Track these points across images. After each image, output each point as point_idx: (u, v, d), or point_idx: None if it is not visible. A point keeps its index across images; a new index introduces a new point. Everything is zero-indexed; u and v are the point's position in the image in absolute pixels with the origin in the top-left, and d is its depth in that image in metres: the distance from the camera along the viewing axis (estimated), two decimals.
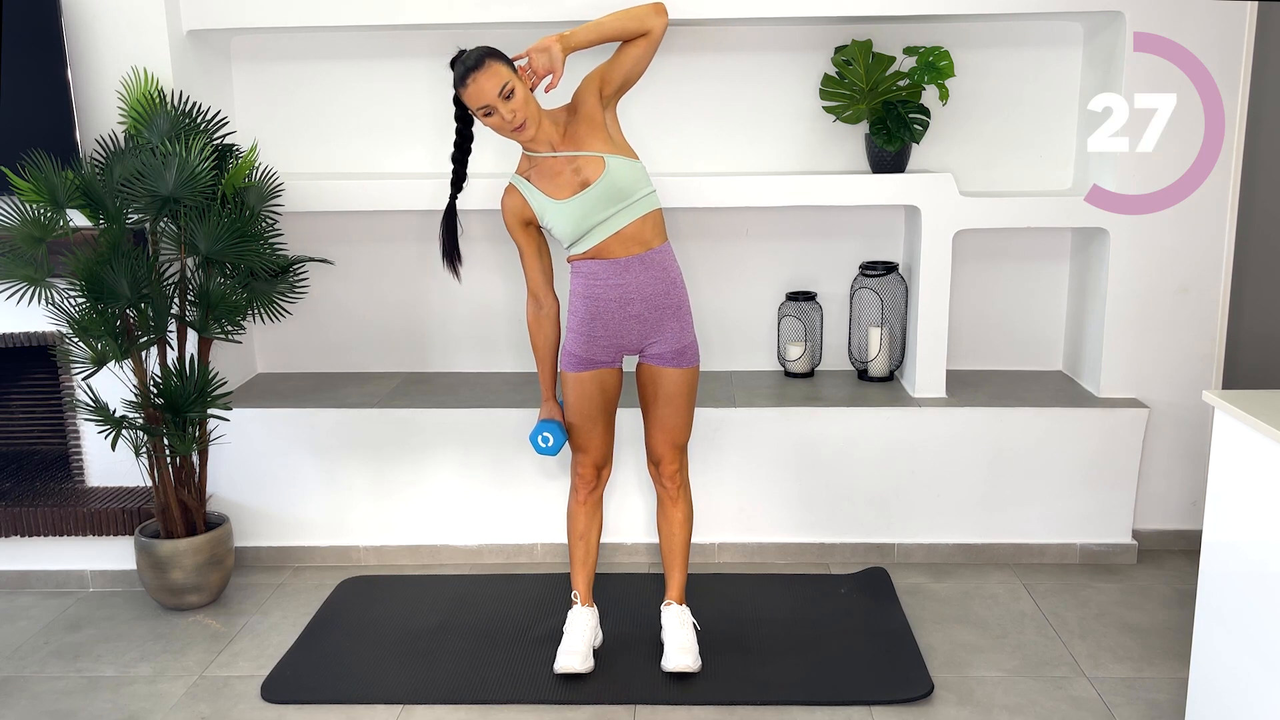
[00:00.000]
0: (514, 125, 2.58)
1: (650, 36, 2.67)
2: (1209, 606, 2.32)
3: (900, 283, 3.65)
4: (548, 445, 2.80)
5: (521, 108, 2.57)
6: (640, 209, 2.67)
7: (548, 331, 2.81)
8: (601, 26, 2.66)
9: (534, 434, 2.82)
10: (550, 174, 2.67)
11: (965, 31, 3.57)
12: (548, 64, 2.63)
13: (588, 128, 2.67)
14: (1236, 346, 3.62)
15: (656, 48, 2.70)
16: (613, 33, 2.66)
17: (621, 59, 2.70)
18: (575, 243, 2.69)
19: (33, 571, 3.50)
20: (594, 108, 2.68)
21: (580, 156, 2.65)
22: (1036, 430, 3.42)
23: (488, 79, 2.54)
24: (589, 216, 2.63)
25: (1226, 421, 2.23)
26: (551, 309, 2.81)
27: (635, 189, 2.66)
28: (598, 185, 2.62)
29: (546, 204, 2.66)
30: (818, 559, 3.53)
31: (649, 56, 2.70)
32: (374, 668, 2.91)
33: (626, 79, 2.71)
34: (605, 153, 2.65)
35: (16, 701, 2.82)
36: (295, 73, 3.72)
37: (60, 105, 3.24)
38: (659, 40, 2.69)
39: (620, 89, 2.72)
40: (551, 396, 2.86)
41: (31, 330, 3.45)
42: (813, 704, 2.70)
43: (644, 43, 2.68)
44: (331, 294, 3.86)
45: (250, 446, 3.51)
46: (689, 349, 2.78)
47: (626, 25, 2.66)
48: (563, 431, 2.82)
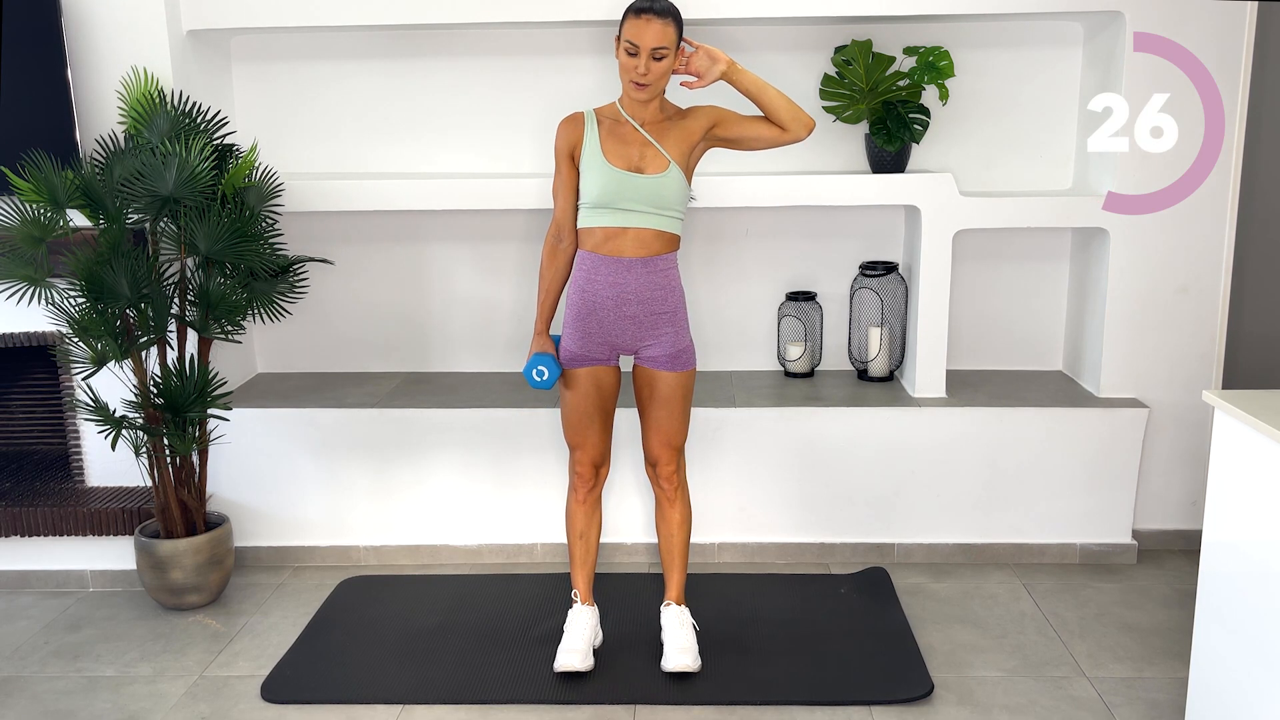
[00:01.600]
0: (640, 79, 2.61)
1: (784, 134, 2.71)
2: (1209, 606, 2.32)
3: (900, 283, 3.65)
4: (542, 379, 2.77)
5: (659, 73, 2.61)
6: (664, 224, 2.70)
7: (560, 264, 2.82)
8: (766, 89, 2.70)
9: (528, 368, 2.78)
10: (619, 137, 2.70)
11: (965, 31, 3.57)
12: (704, 69, 2.70)
13: (679, 136, 2.71)
14: (1236, 346, 3.62)
15: (776, 146, 2.75)
16: (767, 102, 2.70)
17: (748, 125, 2.74)
18: (590, 211, 2.71)
19: (33, 571, 3.50)
20: (697, 131, 2.73)
21: (654, 146, 2.68)
22: (1036, 430, 3.42)
23: (659, 28, 2.58)
24: (619, 195, 2.66)
25: (1226, 421, 2.23)
26: (570, 246, 2.81)
27: (672, 205, 2.70)
28: (649, 179, 2.66)
29: (596, 154, 2.69)
30: (818, 559, 3.53)
31: (765, 146, 2.75)
32: (374, 668, 2.91)
33: (734, 140, 2.76)
34: (675, 161, 2.69)
35: (16, 701, 2.82)
36: (295, 73, 3.72)
37: (60, 105, 3.24)
38: (784, 144, 2.73)
39: (721, 141, 2.77)
40: (545, 330, 2.86)
41: (31, 330, 3.45)
42: (813, 704, 2.70)
43: (775, 132, 2.72)
44: (331, 294, 3.86)
45: (250, 446, 3.51)
46: (685, 352, 2.79)
47: (780, 111, 2.70)
48: (557, 364, 2.79)
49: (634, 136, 2.70)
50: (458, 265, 3.82)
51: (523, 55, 3.66)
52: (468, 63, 3.68)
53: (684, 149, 2.71)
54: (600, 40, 3.59)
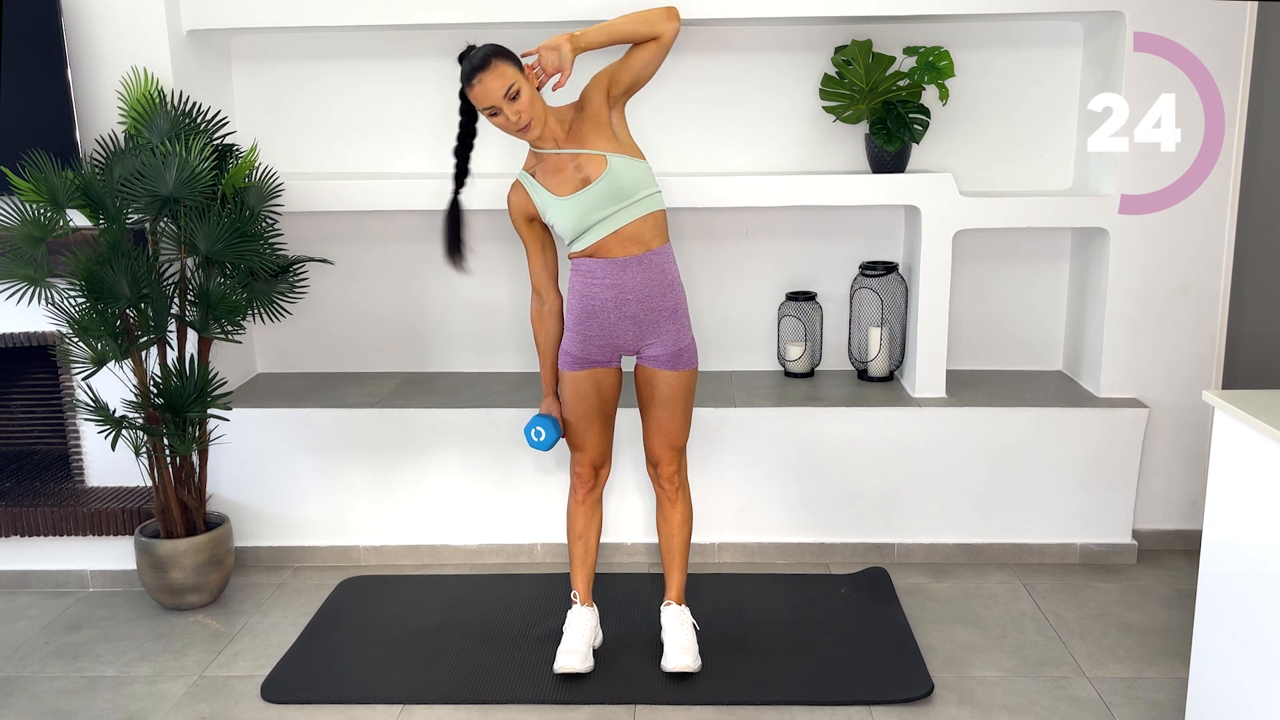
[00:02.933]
0: (519, 126, 2.59)
1: (661, 41, 2.66)
2: (1209, 606, 2.32)
3: (900, 283, 3.65)
4: (540, 440, 2.80)
5: (527, 108, 2.57)
6: (641, 209, 2.67)
7: (550, 327, 2.82)
8: (613, 28, 2.65)
9: (528, 427, 2.82)
10: (554, 170, 2.68)
11: (965, 31, 3.57)
12: (557, 62, 2.62)
13: (592, 126, 2.67)
14: (1236, 346, 3.62)
15: (667, 52, 2.69)
16: (624, 35, 2.66)
17: (631, 61, 2.69)
18: (575, 240, 2.69)
19: (33, 571, 3.50)
20: (600, 106, 2.68)
21: (583, 154, 2.65)
22: (1036, 430, 3.42)
23: (494, 79, 2.54)
24: (589, 214, 2.64)
25: (1226, 421, 2.23)
26: (554, 305, 2.81)
27: (637, 189, 2.66)
28: (598, 183, 2.63)
29: (549, 200, 2.67)
30: (818, 559, 3.53)
31: (659, 60, 2.70)
32: (374, 668, 2.91)
33: (635, 81, 2.71)
34: (608, 151, 2.65)
35: (16, 701, 2.82)
36: (295, 73, 3.72)
37: (60, 105, 3.24)
38: (670, 45, 2.68)
39: (628, 90, 2.72)
40: (552, 393, 2.86)
41: (31, 330, 3.45)
42: (813, 704, 2.70)
43: (654, 46, 2.67)
44: (331, 294, 3.86)
45: (250, 446, 3.51)
46: (686, 351, 2.78)
47: (638, 28, 2.65)
48: (557, 428, 2.81)
49: (562, 160, 2.67)
50: None
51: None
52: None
53: (605, 132, 2.67)
54: None
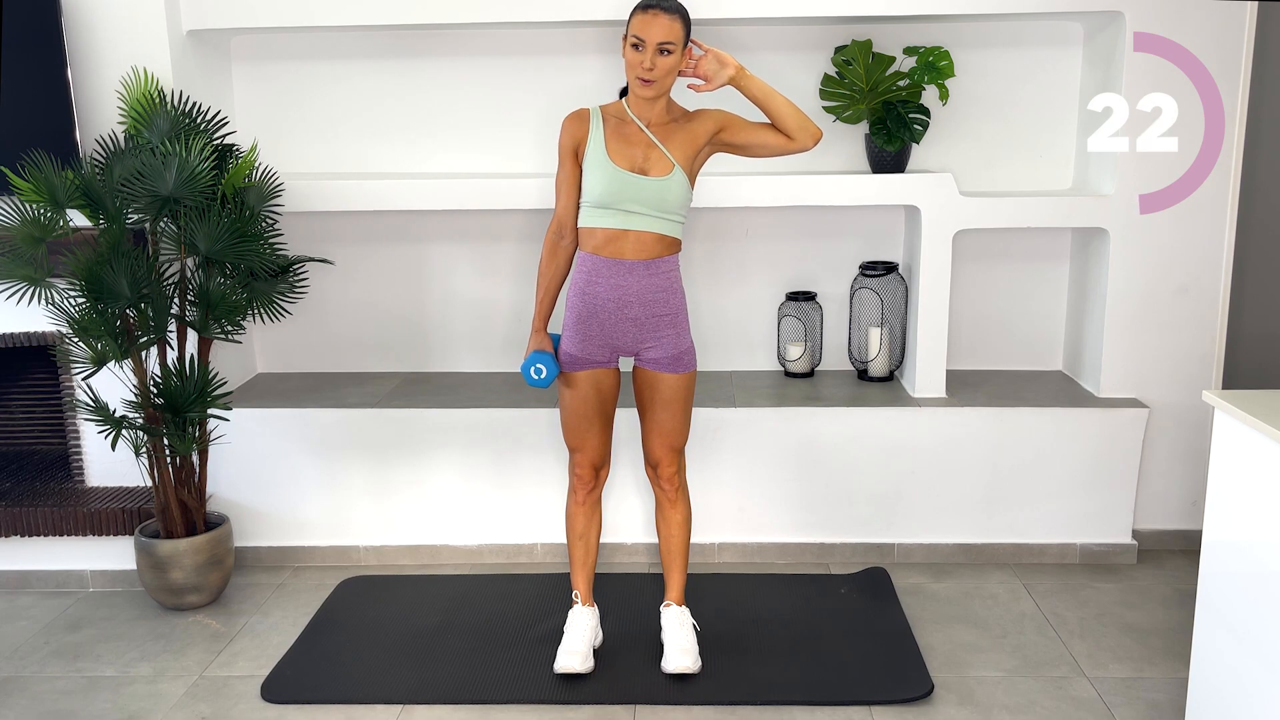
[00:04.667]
0: (645, 74, 2.59)
1: (791, 143, 2.69)
2: (1209, 606, 2.32)
3: (900, 283, 3.65)
4: (540, 377, 2.76)
5: (664, 69, 2.59)
6: (665, 228, 2.69)
7: (561, 262, 2.81)
8: (773, 96, 2.68)
9: (526, 365, 2.77)
10: (624, 137, 2.68)
11: (965, 31, 3.57)
12: (712, 72, 2.67)
13: (684, 139, 2.69)
14: (1236, 346, 3.62)
15: (782, 154, 2.73)
16: (775, 109, 2.67)
17: (755, 132, 2.72)
18: (592, 211, 2.69)
19: (33, 571, 3.50)
20: (703, 134, 2.71)
21: (659, 148, 2.67)
22: (1036, 430, 3.42)
23: (667, 23, 2.56)
24: (622, 196, 2.65)
25: (1226, 421, 2.23)
26: (571, 244, 2.79)
27: (674, 209, 2.69)
28: (652, 181, 2.65)
29: (600, 153, 2.67)
30: (818, 559, 3.53)
31: (771, 153, 2.73)
32: (374, 668, 2.91)
33: (740, 147, 2.74)
34: (679, 165, 2.67)
35: (16, 701, 2.82)
36: (295, 73, 3.72)
37: (60, 105, 3.24)
38: (790, 153, 2.72)
39: (726, 146, 2.75)
40: (543, 328, 2.84)
41: (31, 330, 3.45)
42: (813, 704, 2.70)
43: (782, 140, 2.70)
44: (331, 294, 3.86)
45: (250, 446, 3.51)
46: (686, 354, 2.78)
47: (788, 119, 2.67)
48: (555, 363, 2.78)
49: (639, 137, 2.68)
50: (457, 265, 3.82)
51: (523, 55, 3.66)
52: (468, 63, 3.68)
53: (689, 152, 2.70)
54: (601, 40, 3.59)
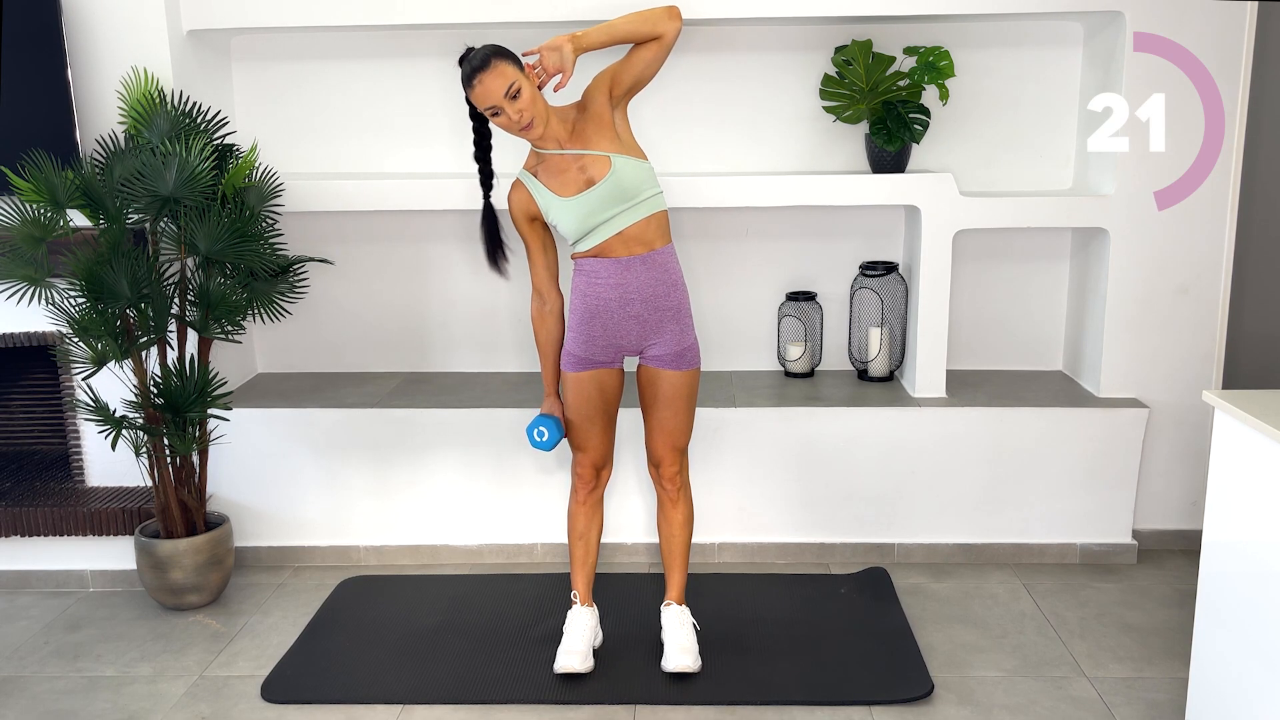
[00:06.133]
0: (521, 125, 2.58)
1: (663, 40, 2.66)
2: (1209, 606, 2.32)
3: (900, 283, 3.65)
4: (542, 440, 2.80)
5: (528, 107, 2.56)
6: (645, 210, 2.67)
7: (551, 327, 2.81)
8: (614, 28, 2.65)
9: (530, 427, 2.81)
10: (557, 171, 2.67)
11: (965, 31, 3.57)
12: (558, 63, 2.62)
13: (595, 126, 2.67)
14: (1236, 346, 3.62)
15: (669, 51, 2.69)
16: (625, 35, 2.65)
17: (633, 61, 2.69)
18: (579, 240, 2.69)
19: (33, 571, 3.50)
20: (603, 107, 2.68)
21: (586, 155, 2.65)
22: (1036, 430, 3.42)
23: (494, 79, 2.53)
24: (593, 215, 2.63)
25: (1226, 421, 2.23)
26: (555, 305, 2.81)
27: (640, 189, 2.66)
28: (603, 184, 2.62)
29: (552, 200, 2.66)
30: (818, 559, 3.53)
31: (660, 60, 2.69)
32: (374, 668, 2.91)
33: (637, 81, 2.70)
34: (612, 152, 2.65)
35: (16, 701, 2.82)
36: (295, 73, 3.72)
37: (60, 105, 3.24)
38: (671, 44, 2.67)
39: (630, 90, 2.71)
40: (554, 393, 2.86)
41: (31, 330, 3.45)
42: (813, 704, 2.70)
43: (656, 46, 2.67)
44: (331, 294, 3.86)
45: (250, 446, 3.51)
46: (689, 351, 2.78)
47: (639, 28, 2.64)
48: (559, 428, 2.81)
49: (566, 161, 2.66)
50: (458, 265, 3.82)
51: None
52: None
53: (608, 132, 2.66)
54: None
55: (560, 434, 2.81)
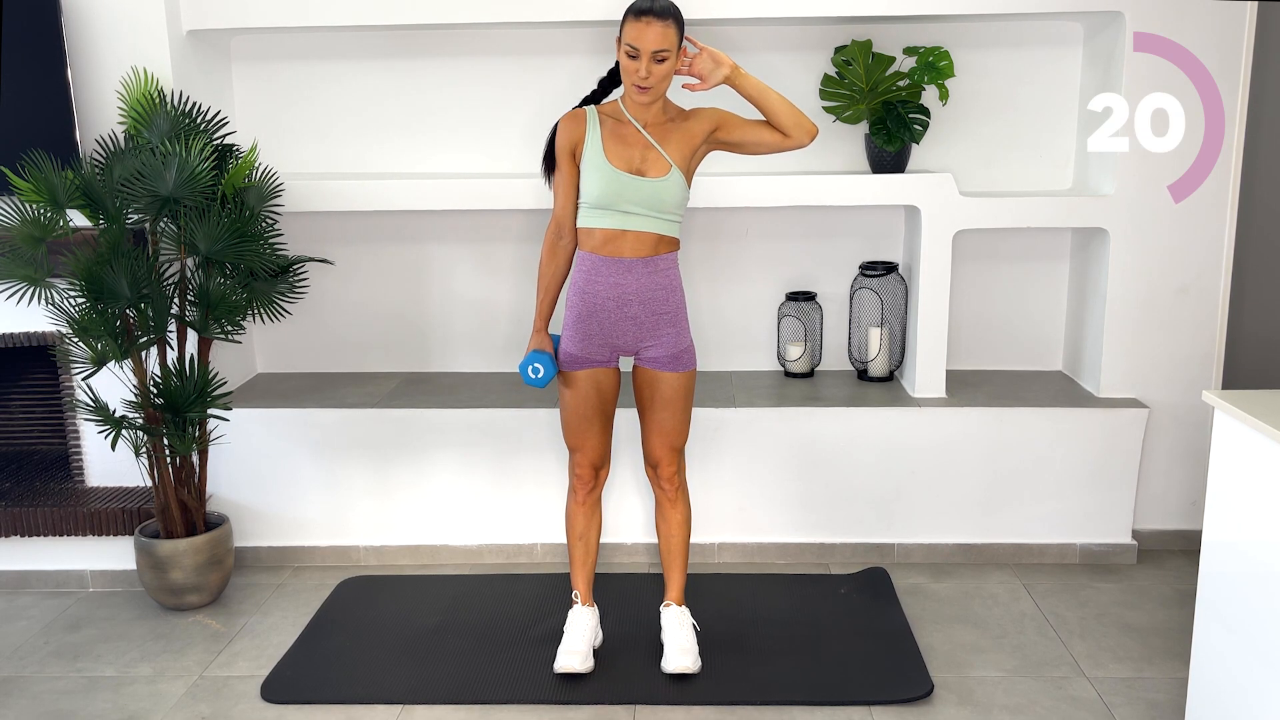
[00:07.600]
0: (642, 82, 2.59)
1: (786, 140, 2.69)
2: (1209, 606, 2.32)
3: (900, 283, 3.65)
4: (537, 376, 2.76)
5: (660, 76, 2.59)
6: (663, 227, 2.70)
7: (560, 261, 2.81)
8: (768, 94, 2.67)
9: (524, 364, 2.78)
10: (621, 138, 2.68)
11: (965, 31, 3.57)
12: (707, 72, 2.67)
13: (681, 138, 2.69)
14: (1236, 346, 3.62)
15: (778, 152, 2.73)
16: (770, 107, 2.67)
17: (752, 130, 2.71)
18: (590, 211, 2.70)
19: (33, 571, 3.50)
20: (699, 134, 2.71)
21: (656, 150, 2.67)
22: (1036, 430, 3.42)
23: (660, 31, 2.54)
24: (620, 197, 2.65)
25: (1226, 421, 2.23)
26: (570, 243, 2.79)
27: (671, 209, 2.69)
28: (650, 182, 2.65)
29: (598, 154, 2.67)
30: (818, 559, 3.53)
31: (767, 150, 2.73)
32: (374, 668, 2.91)
33: (737, 144, 2.73)
34: (676, 165, 2.67)
35: (16, 701, 2.82)
36: (295, 73, 3.72)
37: (60, 105, 3.24)
38: (786, 149, 2.71)
39: (723, 144, 2.74)
40: (544, 328, 2.85)
41: (31, 330, 3.45)
42: (813, 704, 2.70)
43: (777, 138, 2.69)
44: (331, 294, 3.86)
45: (250, 446, 3.51)
46: (685, 353, 2.78)
47: (784, 116, 2.66)
48: (553, 363, 2.78)
49: (636, 138, 2.68)
50: (457, 265, 3.82)
51: (521, 55, 3.66)
52: (466, 63, 3.68)
53: (685, 152, 2.69)
54: (598, 40, 3.59)
55: (554, 369, 2.78)
